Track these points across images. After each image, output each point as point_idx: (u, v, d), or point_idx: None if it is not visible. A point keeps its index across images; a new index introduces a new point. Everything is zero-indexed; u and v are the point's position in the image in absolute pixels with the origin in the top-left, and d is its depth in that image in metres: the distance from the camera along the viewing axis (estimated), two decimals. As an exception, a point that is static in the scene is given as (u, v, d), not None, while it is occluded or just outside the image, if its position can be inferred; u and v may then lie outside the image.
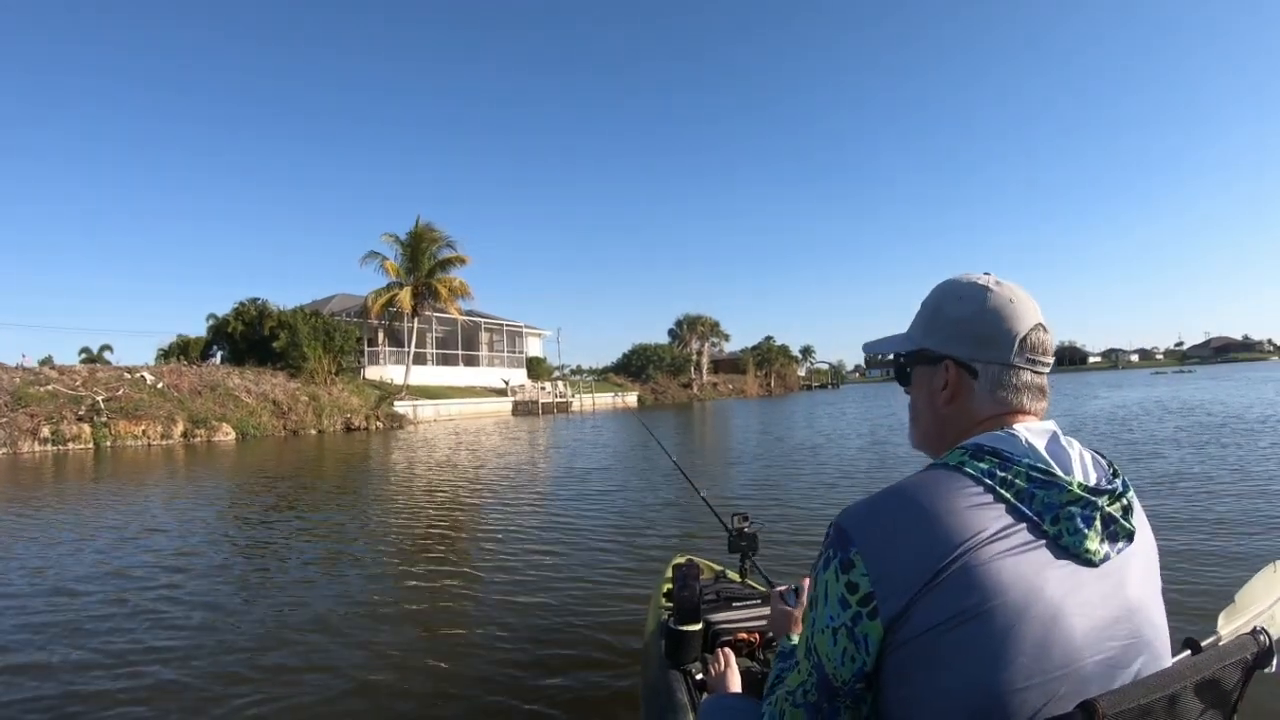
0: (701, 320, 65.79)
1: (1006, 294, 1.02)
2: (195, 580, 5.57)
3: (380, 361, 37.60)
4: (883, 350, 1.18)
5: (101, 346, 45.63)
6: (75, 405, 21.37)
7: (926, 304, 1.10)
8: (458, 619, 4.46)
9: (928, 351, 1.06)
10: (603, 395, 48.53)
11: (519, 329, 48.70)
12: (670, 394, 56.68)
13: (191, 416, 23.21)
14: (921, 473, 0.94)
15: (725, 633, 2.35)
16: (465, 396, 37.22)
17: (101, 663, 3.85)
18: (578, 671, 3.50)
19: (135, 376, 24.49)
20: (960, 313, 1.03)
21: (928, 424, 1.08)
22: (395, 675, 3.56)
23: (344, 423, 27.42)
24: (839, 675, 0.90)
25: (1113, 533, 0.89)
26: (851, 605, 0.87)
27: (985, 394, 1.00)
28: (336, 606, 4.77)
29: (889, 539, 0.86)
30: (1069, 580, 0.84)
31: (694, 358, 63.77)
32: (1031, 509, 0.86)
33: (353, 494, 10.87)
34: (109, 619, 4.60)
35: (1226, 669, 0.86)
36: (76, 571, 5.92)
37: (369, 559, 6.29)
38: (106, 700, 3.37)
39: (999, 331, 1.00)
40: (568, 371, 58.15)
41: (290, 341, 29.59)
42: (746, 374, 74.98)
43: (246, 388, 26.33)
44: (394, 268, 35.05)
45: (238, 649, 4.01)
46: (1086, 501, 0.88)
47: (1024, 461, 0.90)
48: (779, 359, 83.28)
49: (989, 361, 1.00)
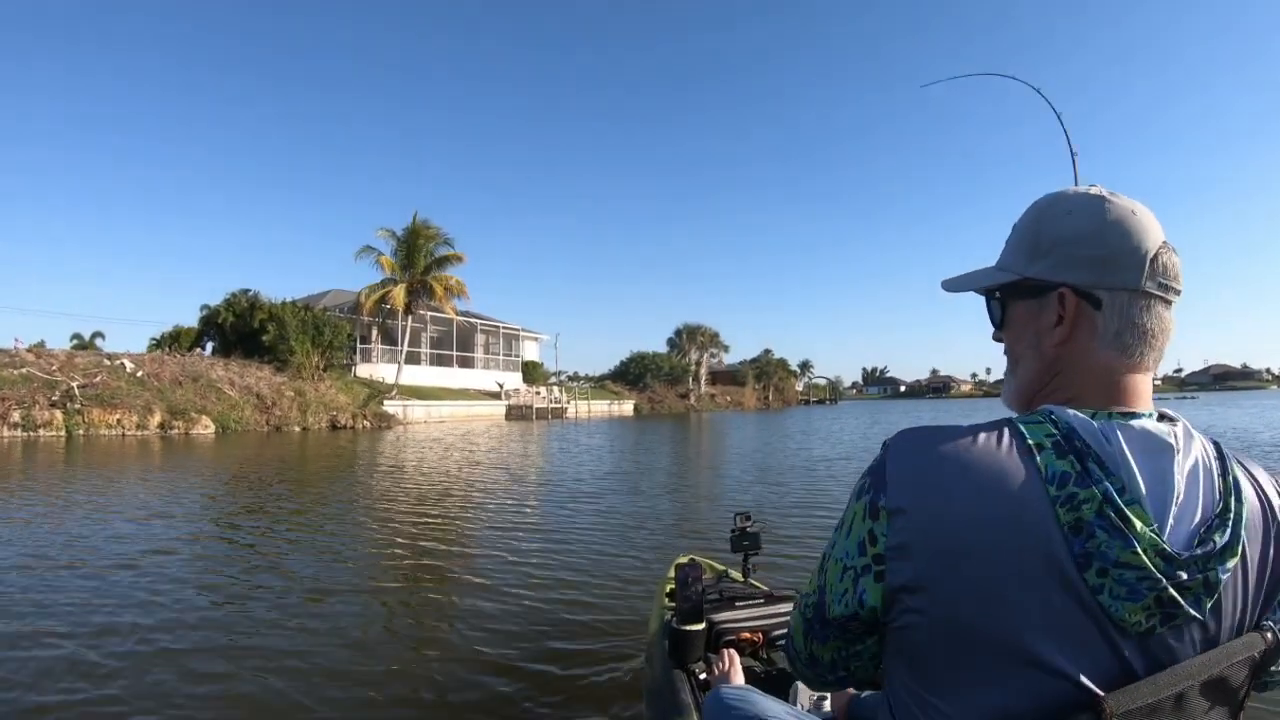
0: (701, 330, 65.72)
1: (1127, 205, 0.85)
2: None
3: (373, 359, 37.17)
4: (970, 286, 0.97)
5: (93, 333, 44.61)
6: (49, 390, 20.81)
7: (1022, 227, 0.92)
8: (457, 618, 4.30)
9: (1032, 281, 0.88)
10: (598, 402, 48.53)
11: (516, 332, 48.18)
12: (667, 404, 56.53)
13: (170, 407, 22.58)
14: (994, 434, 0.79)
15: (728, 632, 2.37)
16: (458, 398, 36.88)
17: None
18: (580, 671, 3.42)
19: (115, 364, 23.89)
20: (1073, 229, 0.85)
21: (1031, 372, 0.90)
22: (395, 674, 3.43)
23: (330, 420, 26.92)
24: (833, 609, 0.87)
25: (1169, 613, 0.74)
26: (866, 554, 0.81)
27: (1109, 333, 0.84)
28: (316, 612, 4.45)
29: (922, 508, 0.77)
30: (1090, 645, 0.74)
31: (692, 368, 63.52)
32: (1081, 548, 0.73)
33: (323, 493, 10.27)
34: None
35: (1234, 667, 0.79)
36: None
37: (348, 557, 6.05)
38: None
39: (1125, 249, 0.83)
40: (565, 377, 57.61)
41: (278, 335, 29.03)
42: (745, 386, 75.00)
43: (230, 380, 25.77)
44: (390, 263, 34.51)
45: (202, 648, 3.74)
46: (1147, 574, 0.73)
47: (1104, 486, 0.74)
48: (778, 372, 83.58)
49: (1115, 288, 0.83)
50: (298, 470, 13.61)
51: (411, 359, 37.11)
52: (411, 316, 35.19)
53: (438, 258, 35.25)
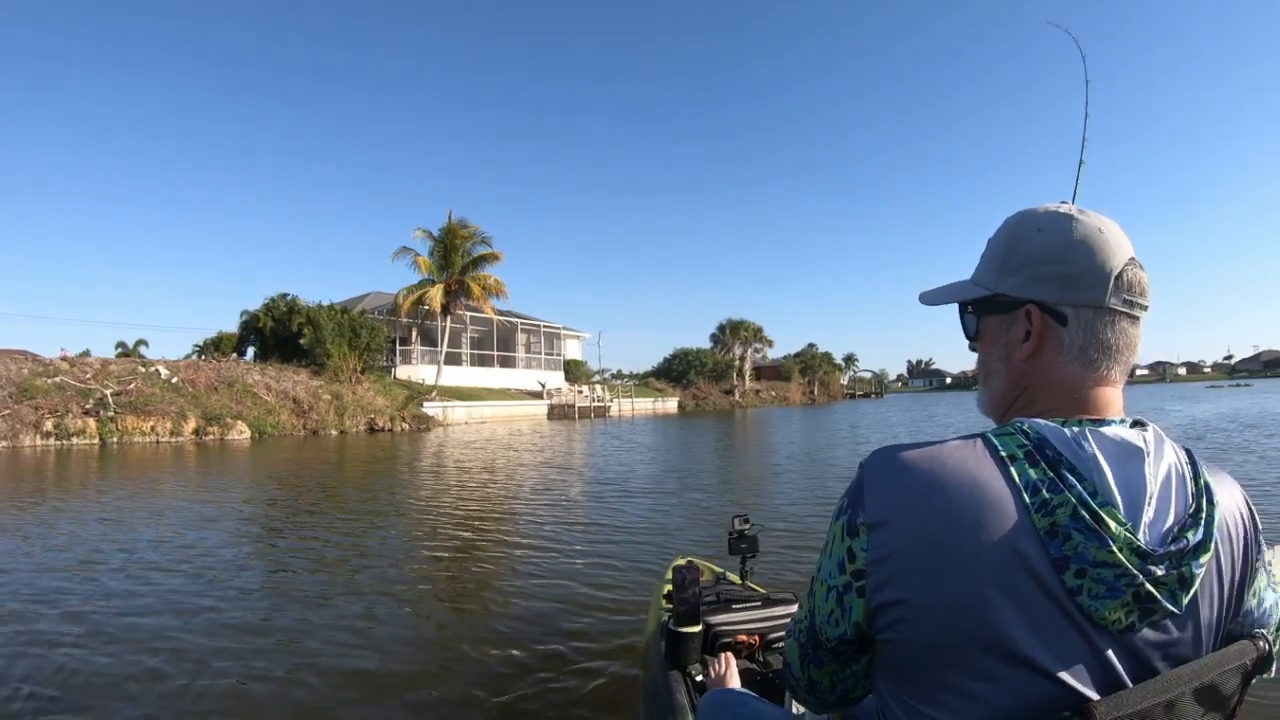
0: (745, 325, 64.28)
1: (1094, 222, 0.87)
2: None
3: (413, 361, 36.66)
4: (945, 299, 0.99)
5: (137, 341, 44.81)
6: (83, 399, 20.44)
7: (996, 242, 0.94)
8: (455, 617, 4.39)
9: (1003, 297, 0.91)
10: (642, 400, 47.54)
11: (557, 330, 47.37)
12: (712, 400, 55.28)
13: (205, 413, 22.09)
14: (968, 447, 0.80)
15: (725, 635, 2.33)
16: (500, 399, 36.20)
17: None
18: (579, 672, 3.44)
19: (149, 370, 23.49)
20: (1041, 247, 0.88)
21: (1002, 384, 0.93)
22: (392, 674, 3.49)
23: (367, 423, 26.25)
24: (824, 630, 0.88)
25: (1147, 608, 0.76)
26: (847, 572, 0.82)
27: (1074, 348, 0.86)
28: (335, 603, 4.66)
29: (898, 522, 0.78)
30: (1072, 645, 0.75)
31: (736, 363, 62.21)
32: (1058, 551, 0.74)
33: (347, 496, 9.72)
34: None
35: (1226, 674, 0.80)
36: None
37: (357, 560, 6.07)
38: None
39: (1090, 268, 0.85)
40: (608, 375, 56.77)
41: (314, 338, 28.58)
42: (789, 381, 73.44)
43: (266, 384, 25.26)
44: (426, 264, 33.92)
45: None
46: (1124, 571, 0.74)
47: (1077, 490, 0.76)
48: (822, 366, 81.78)
49: (1080, 305, 0.85)
50: (335, 475, 13.16)
51: (452, 360, 36.48)
52: (450, 317, 34.56)
53: (475, 257, 34.53)
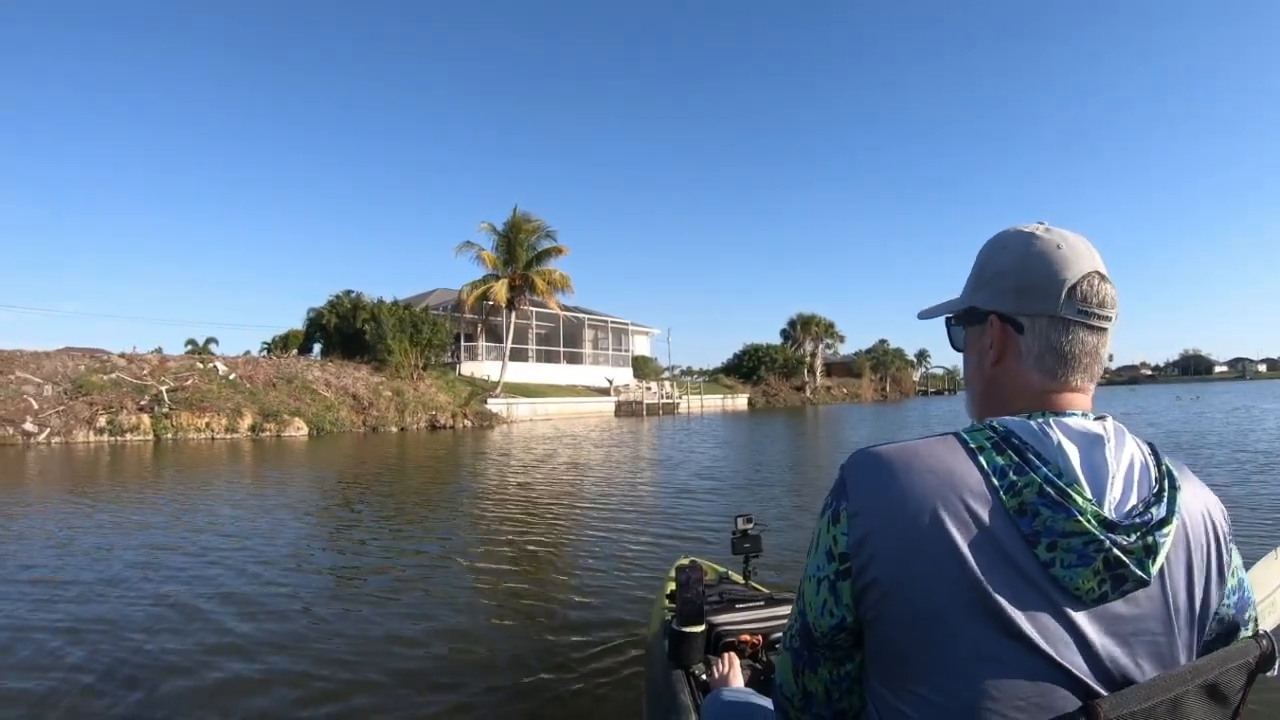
0: (815, 320, 61.69)
1: (1054, 239, 0.93)
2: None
3: (478, 357, 35.78)
4: (937, 314, 1.08)
5: (207, 339, 45.05)
6: (138, 395, 19.85)
7: (976, 261, 1.01)
8: (455, 617, 4.32)
9: (975, 309, 0.98)
10: (711, 397, 45.80)
11: (625, 326, 45.94)
12: (782, 397, 53.20)
13: (262, 409, 21.31)
14: (940, 442, 0.86)
15: (728, 635, 2.32)
16: (567, 395, 35.02)
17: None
18: (581, 671, 3.41)
19: (207, 366, 22.88)
20: (1004, 262, 0.95)
21: (978, 387, 1.01)
22: (389, 673, 3.43)
23: (429, 420, 25.22)
24: (819, 625, 0.89)
25: (1118, 575, 0.78)
26: (834, 559, 0.86)
27: (1031, 355, 0.92)
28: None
29: (876, 505, 0.83)
30: (1049, 617, 0.78)
31: (807, 360, 59.79)
32: (1029, 527, 0.78)
33: (423, 497, 8.99)
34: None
35: (1229, 673, 0.82)
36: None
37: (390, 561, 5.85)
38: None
39: (1043, 279, 0.91)
40: (677, 372, 55.26)
41: (376, 334, 27.77)
42: (861, 378, 70.73)
43: (326, 381, 24.43)
44: (491, 258, 32.87)
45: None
46: (1092, 538, 0.77)
47: (1042, 472, 0.81)
48: (894, 363, 78.84)
49: (1034, 314, 0.91)
50: (396, 474, 12.44)
51: (518, 356, 35.42)
52: (515, 312, 33.38)
53: (539, 251, 33.31)
